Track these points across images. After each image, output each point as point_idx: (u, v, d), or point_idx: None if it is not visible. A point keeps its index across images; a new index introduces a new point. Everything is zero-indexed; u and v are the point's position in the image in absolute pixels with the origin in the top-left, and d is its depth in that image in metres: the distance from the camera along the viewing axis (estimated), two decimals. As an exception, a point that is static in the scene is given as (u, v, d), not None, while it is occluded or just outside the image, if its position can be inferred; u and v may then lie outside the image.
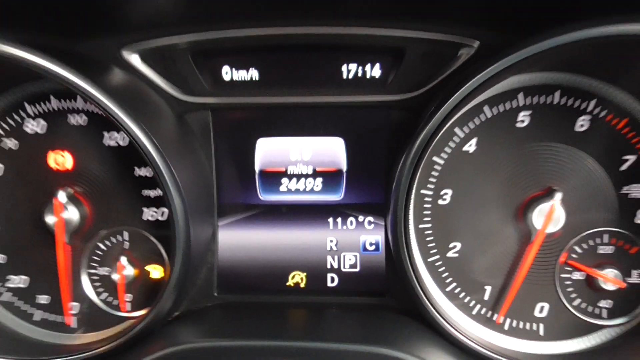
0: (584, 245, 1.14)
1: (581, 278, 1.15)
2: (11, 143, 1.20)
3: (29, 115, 1.19)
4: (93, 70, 1.07)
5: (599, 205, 1.12)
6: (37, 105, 1.19)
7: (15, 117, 1.19)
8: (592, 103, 1.09)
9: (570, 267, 1.14)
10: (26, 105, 1.19)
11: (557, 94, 1.10)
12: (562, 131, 1.11)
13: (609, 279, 1.11)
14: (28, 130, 1.19)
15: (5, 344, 1.18)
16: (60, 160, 1.19)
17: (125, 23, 1.13)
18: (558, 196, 1.09)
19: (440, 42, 1.10)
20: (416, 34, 1.10)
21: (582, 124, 1.10)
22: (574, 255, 1.14)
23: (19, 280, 1.24)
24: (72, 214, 1.17)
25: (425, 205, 1.16)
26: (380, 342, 1.03)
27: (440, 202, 1.16)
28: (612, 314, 1.14)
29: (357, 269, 1.23)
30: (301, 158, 1.21)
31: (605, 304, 1.15)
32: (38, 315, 1.24)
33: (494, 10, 1.06)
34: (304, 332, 1.14)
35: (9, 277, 1.24)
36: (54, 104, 1.19)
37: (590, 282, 1.14)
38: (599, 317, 1.15)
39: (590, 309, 1.15)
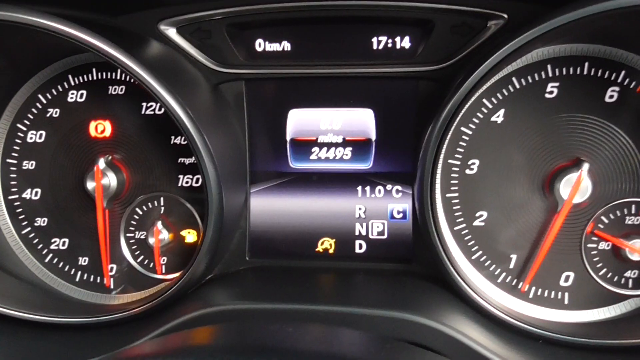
0: (611, 216, 1.14)
1: (607, 248, 1.15)
2: (54, 111, 1.25)
3: (71, 86, 1.24)
4: (131, 44, 1.11)
5: (627, 176, 1.12)
6: (79, 77, 1.24)
7: (59, 87, 1.25)
8: (622, 74, 1.09)
9: (596, 237, 1.15)
10: (69, 76, 1.24)
11: (585, 65, 1.10)
12: (592, 102, 1.11)
13: (636, 249, 1.12)
14: (70, 99, 1.24)
15: (52, 304, 1.23)
16: (100, 128, 1.24)
17: (162, -2, 1.16)
18: (585, 166, 1.10)
19: (469, 14, 1.11)
20: (445, 6, 1.11)
21: (611, 94, 1.10)
22: (601, 226, 1.15)
23: (60, 243, 1.29)
24: (111, 180, 1.22)
25: (453, 175, 1.17)
26: (406, 307, 1.05)
27: (467, 171, 1.17)
28: (637, 284, 1.15)
29: (385, 236, 1.26)
30: (331, 127, 1.24)
31: (631, 274, 1.15)
32: (79, 276, 1.30)
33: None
34: (332, 296, 1.17)
35: (52, 240, 1.29)
36: (95, 75, 1.24)
37: (617, 252, 1.15)
38: (625, 287, 1.15)
39: (616, 278, 1.16)
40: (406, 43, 1.16)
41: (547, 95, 1.12)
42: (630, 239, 1.13)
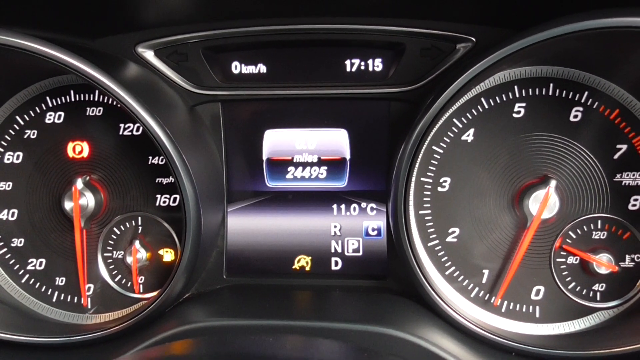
0: (578, 231, 1.17)
1: (576, 262, 1.18)
2: (31, 133, 1.25)
3: (49, 108, 1.25)
4: (110, 65, 1.12)
5: (592, 192, 1.16)
6: (57, 98, 1.25)
7: (36, 108, 1.25)
8: (585, 94, 1.13)
9: (565, 251, 1.18)
10: (47, 98, 1.25)
11: (550, 86, 1.14)
12: (557, 121, 1.15)
13: (603, 263, 1.15)
14: (48, 121, 1.25)
15: (28, 324, 1.22)
16: (78, 149, 1.24)
17: (139, 21, 1.18)
18: (552, 183, 1.14)
19: (438, 37, 1.15)
20: (416, 30, 1.15)
21: (575, 114, 1.14)
22: (569, 241, 1.18)
23: (37, 263, 1.29)
24: (89, 200, 1.22)
25: (426, 192, 1.20)
26: (382, 322, 1.07)
27: (439, 189, 1.20)
28: (605, 297, 1.18)
29: (360, 253, 1.27)
30: (306, 147, 1.26)
31: (599, 287, 1.18)
32: (56, 296, 1.29)
33: (490, 8, 1.11)
34: (308, 312, 1.18)
35: (29, 260, 1.29)
36: (73, 96, 1.25)
37: (585, 267, 1.18)
38: (593, 300, 1.18)
39: (584, 292, 1.18)
40: (378, 65, 1.19)
41: (514, 115, 1.16)
42: (597, 253, 1.16)
